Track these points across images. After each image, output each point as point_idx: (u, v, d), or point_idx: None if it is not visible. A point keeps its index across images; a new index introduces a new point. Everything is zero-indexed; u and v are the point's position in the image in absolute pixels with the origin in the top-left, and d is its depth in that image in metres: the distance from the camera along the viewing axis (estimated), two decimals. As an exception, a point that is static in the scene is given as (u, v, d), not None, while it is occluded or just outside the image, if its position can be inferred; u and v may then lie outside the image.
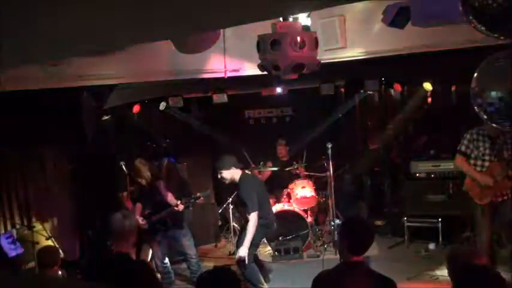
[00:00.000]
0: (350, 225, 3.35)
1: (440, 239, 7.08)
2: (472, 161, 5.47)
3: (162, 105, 8.30)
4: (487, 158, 5.41)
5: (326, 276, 3.24)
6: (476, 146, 5.44)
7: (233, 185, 5.88)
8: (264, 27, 4.23)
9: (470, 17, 2.96)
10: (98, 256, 6.02)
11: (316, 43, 4.19)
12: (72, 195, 7.05)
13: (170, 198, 5.96)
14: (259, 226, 5.59)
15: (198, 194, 6.03)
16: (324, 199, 8.07)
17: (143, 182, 5.96)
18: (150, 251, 6.25)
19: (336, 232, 7.09)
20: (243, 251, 5.51)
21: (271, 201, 7.82)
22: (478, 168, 5.43)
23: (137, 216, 5.84)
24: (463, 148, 5.51)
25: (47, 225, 6.33)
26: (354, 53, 5.19)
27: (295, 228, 7.25)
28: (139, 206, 6.06)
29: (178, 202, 5.85)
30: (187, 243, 6.06)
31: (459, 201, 6.33)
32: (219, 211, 8.36)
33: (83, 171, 7.23)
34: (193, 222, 7.42)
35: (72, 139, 6.76)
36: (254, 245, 5.68)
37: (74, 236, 7.00)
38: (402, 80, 8.04)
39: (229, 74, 5.44)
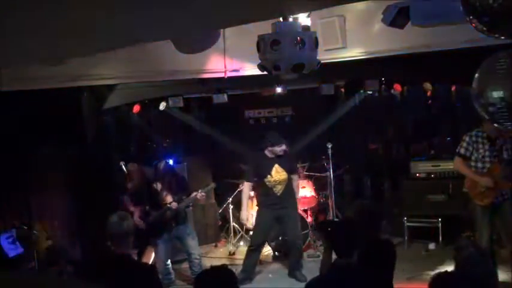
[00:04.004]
0: (331, 226, 3.36)
1: (440, 239, 7.08)
2: (472, 163, 5.46)
3: (162, 105, 8.30)
4: (487, 159, 5.41)
5: (317, 282, 3.21)
6: (475, 148, 5.43)
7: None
8: (264, 27, 4.22)
9: (471, 17, 2.96)
10: (98, 257, 6.01)
11: (316, 43, 4.18)
12: (72, 196, 7.05)
13: (167, 197, 5.95)
14: None
15: (200, 190, 6.03)
16: (324, 199, 8.06)
17: (130, 186, 6.06)
18: (153, 254, 6.25)
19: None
20: None
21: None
22: (479, 170, 5.43)
23: (136, 218, 5.85)
24: (462, 151, 5.50)
25: (47, 225, 6.32)
26: (354, 53, 5.19)
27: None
28: (138, 207, 6.06)
29: (171, 200, 5.85)
30: (192, 242, 6.05)
31: (459, 201, 6.33)
32: (219, 211, 8.36)
33: (82, 171, 7.23)
34: (194, 222, 7.43)
35: (72, 139, 6.76)
36: None
37: (74, 237, 6.99)
38: (402, 80, 8.04)
39: (229, 74, 5.44)
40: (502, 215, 5.43)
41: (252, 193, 7.84)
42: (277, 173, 6.32)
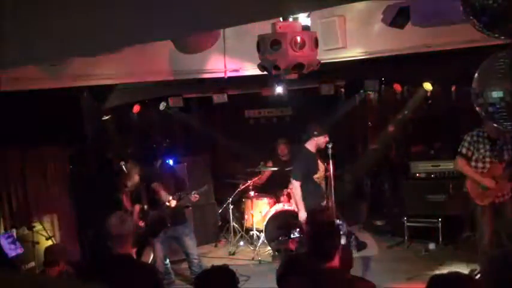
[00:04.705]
0: (309, 228, 3.16)
1: (440, 239, 7.08)
2: (473, 163, 5.47)
3: (162, 105, 8.32)
4: (487, 159, 5.42)
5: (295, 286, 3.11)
6: (476, 148, 5.44)
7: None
8: (264, 27, 4.22)
9: (470, 17, 2.96)
10: (99, 257, 6.01)
11: (316, 43, 4.18)
12: (72, 196, 7.05)
13: (164, 195, 5.95)
14: None
15: (194, 192, 6.03)
16: (324, 199, 8.05)
17: (129, 184, 6.04)
18: (152, 253, 6.25)
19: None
20: None
21: (271, 201, 7.84)
22: (479, 170, 5.44)
23: (135, 218, 5.86)
24: (463, 150, 5.51)
25: (47, 225, 6.32)
26: (354, 53, 5.18)
27: (295, 228, 7.24)
28: (137, 207, 6.06)
29: (170, 198, 5.84)
30: (190, 242, 6.05)
31: (459, 201, 6.33)
32: (219, 211, 8.36)
33: (82, 171, 7.23)
34: (194, 222, 7.43)
35: (72, 139, 6.76)
36: None
37: (74, 237, 6.99)
38: (402, 80, 8.04)
39: (229, 74, 5.43)
40: (502, 215, 5.44)
41: (253, 193, 7.85)
42: (321, 168, 6.22)
